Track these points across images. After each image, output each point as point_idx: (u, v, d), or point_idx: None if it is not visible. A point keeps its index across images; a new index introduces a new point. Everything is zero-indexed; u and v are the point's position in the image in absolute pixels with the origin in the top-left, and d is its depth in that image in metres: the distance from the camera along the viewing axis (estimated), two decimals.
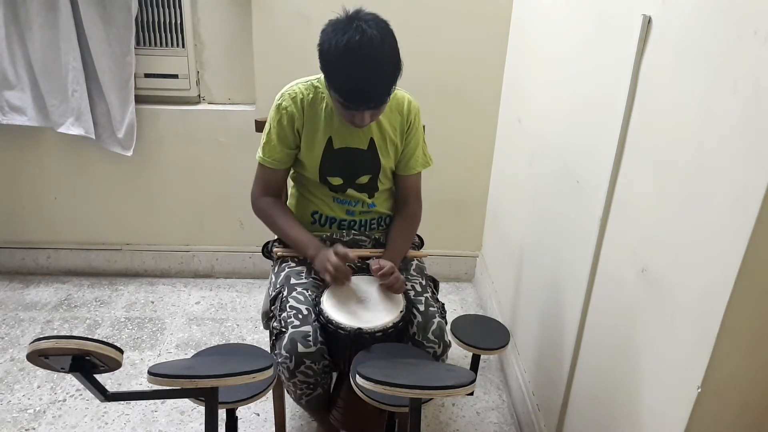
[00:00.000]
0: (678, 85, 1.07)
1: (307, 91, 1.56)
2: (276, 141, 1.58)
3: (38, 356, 0.98)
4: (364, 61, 1.33)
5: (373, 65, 1.34)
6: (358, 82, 1.35)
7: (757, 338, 0.95)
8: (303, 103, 1.55)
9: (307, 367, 1.40)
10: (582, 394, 1.49)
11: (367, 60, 1.33)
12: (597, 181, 1.38)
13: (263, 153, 1.61)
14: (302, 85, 1.58)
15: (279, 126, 1.57)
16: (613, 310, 1.32)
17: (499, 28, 2.28)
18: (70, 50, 2.20)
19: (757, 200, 0.84)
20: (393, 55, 1.38)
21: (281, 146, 1.59)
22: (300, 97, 1.55)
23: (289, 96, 1.56)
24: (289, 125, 1.56)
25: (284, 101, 1.56)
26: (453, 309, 2.49)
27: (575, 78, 1.58)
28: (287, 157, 1.61)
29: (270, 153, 1.60)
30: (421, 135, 1.68)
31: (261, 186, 1.65)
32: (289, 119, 1.56)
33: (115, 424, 1.86)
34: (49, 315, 2.37)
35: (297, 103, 1.55)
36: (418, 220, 1.73)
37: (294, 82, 1.59)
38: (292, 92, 1.56)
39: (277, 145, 1.58)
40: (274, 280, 1.62)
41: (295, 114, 1.55)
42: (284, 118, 1.56)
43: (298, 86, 1.58)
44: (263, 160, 1.62)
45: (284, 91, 1.58)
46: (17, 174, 2.48)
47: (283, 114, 1.56)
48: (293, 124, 1.56)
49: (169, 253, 2.64)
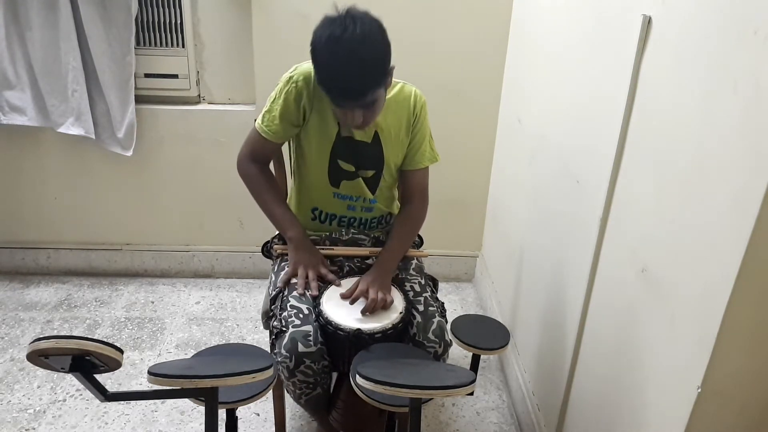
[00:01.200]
0: (678, 85, 1.07)
1: None
2: (278, 113, 1.54)
3: (38, 356, 0.98)
4: (344, 56, 1.32)
5: (353, 60, 1.32)
6: (338, 76, 1.34)
7: (757, 338, 0.95)
8: (315, 84, 1.49)
9: (306, 367, 1.40)
10: (582, 394, 1.49)
11: (346, 54, 1.31)
12: (597, 181, 1.38)
13: (262, 121, 1.58)
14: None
15: (285, 99, 1.53)
16: (613, 310, 1.32)
17: (499, 28, 2.28)
18: (70, 50, 2.20)
19: (757, 200, 0.84)
20: (377, 51, 1.35)
21: (281, 120, 1.55)
22: (313, 77, 1.49)
23: (302, 72, 1.52)
24: (295, 101, 1.53)
25: (296, 75, 1.52)
26: (453, 309, 2.49)
27: (575, 78, 1.58)
28: (284, 132, 1.57)
29: (269, 123, 1.57)
30: (428, 129, 1.65)
31: (249, 151, 1.63)
32: (297, 94, 1.52)
33: (115, 424, 1.86)
34: (49, 315, 2.37)
35: (309, 81, 1.51)
36: (421, 220, 1.70)
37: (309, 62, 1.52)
38: (306, 70, 1.51)
39: (278, 117, 1.55)
40: (274, 279, 1.62)
41: (304, 91, 1.51)
42: (292, 92, 1.52)
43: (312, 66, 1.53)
44: (260, 128, 1.58)
45: (299, 66, 1.54)
46: (17, 174, 2.48)
47: (292, 87, 1.52)
48: (300, 101, 1.53)
49: (169, 253, 2.64)
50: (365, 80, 1.35)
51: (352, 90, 1.36)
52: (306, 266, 1.55)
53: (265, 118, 1.57)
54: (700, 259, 0.99)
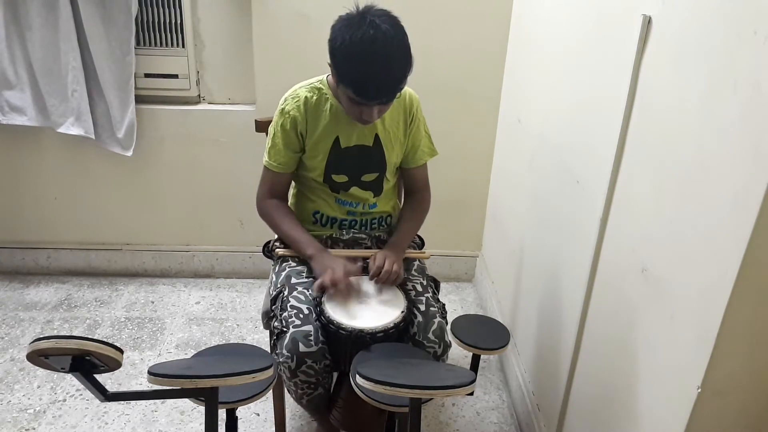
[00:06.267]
0: (678, 85, 1.07)
1: (310, 94, 1.57)
2: (281, 145, 1.59)
3: (38, 356, 0.98)
4: (378, 57, 1.34)
5: (387, 60, 1.35)
6: (371, 77, 1.36)
7: (757, 338, 0.95)
8: (306, 106, 1.56)
9: (308, 367, 1.40)
10: (582, 394, 1.49)
11: (380, 55, 1.35)
12: (597, 181, 1.38)
13: (269, 157, 1.62)
14: (305, 88, 1.58)
15: (283, 130, 1.58)
16: (613, 310, 1.32)
17: (499, 28, 2.28)
18: (70, 50, 2.20)
19: (757, 200, 0.84)
20: (405, 50, 1.39)
21: (286, 150, 1.60)
22: (303, 100, 1.56)
23: (292, 100, 1.57)
24: (292, 129, 1.57)
25: (287, 105, 1.57)
26: (453, 309, 2.49)
27: (575, 78, 1.58)
28: (292, 160, 1.62)
29: (275, 157, 1.61)
30: (424, 126, 1.69)
31: (267, 189, 1.66)
32: (293, 123, 1.57)
33: (115, 424, 1.86)
34: (49, 315, 2.37)
35: (300, 107, 1.56)
36: (427, 205, 1.75)
37: (297, 86, 1.60)
38: (296, 96, 1.57)
39: (282, 149, 1.59)
40: (274, 279, 1.62)
41: (298, 118, 1.56)
42: (287, 122, 1.57)
43: (301, 89, 1.58)
44: (269, 164, 1.63)
45: (287, 95, 1.59)
46: (17, 174, 2.48)
47: (286, 118, 1.57)
48: (296, 128, 1.57)
49: (169, 253, 2.64)
50: (398, 79, 1.39)
51: (384, 91, 1.39)
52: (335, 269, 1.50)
53: (271, 153, 1.62)
54: (700, 259, 0.99)
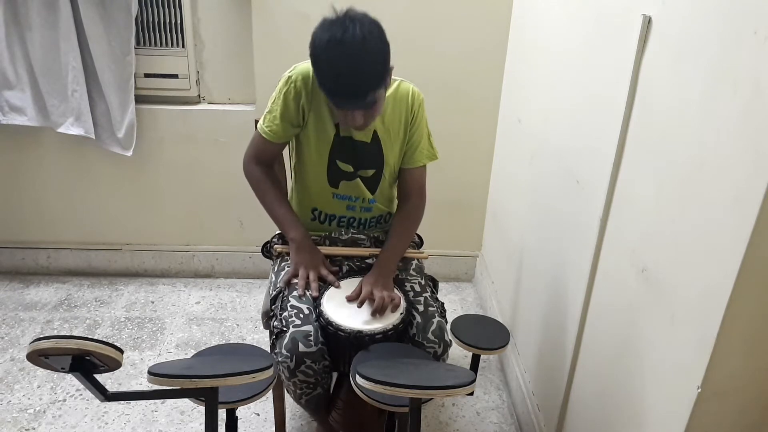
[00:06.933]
0: (678, 85, 1.07)
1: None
2: (278, 113, 1.55)
3: (38, 356, 0.98)
4: (344, 58, 1.32)
5: (353, 62, 1.32)
6: (338, 79, 1.34)
7: (757, 338, 0.95)
8: (314, 83, 1.50)
9: (307, 367, 1.40)
10: (582, 394, 1.49)
11: (347, 57, 1.31)
12: (597, 181, 1.38)
13: (263, 122, 1.59)
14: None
15: (284, 99, 1.54)
16: (613, 310, 1.32)
17: (499, 28, 2.28)
18: (70, 50, 2.20)
19: (757, 200, 0.84)
20: (376, 53, 1.35)
21: (282, 121, 1.56)
22: (311, 76, 1.50)
23: (300, 72, 1.53)
24: (294, 100, 1.53)
25: (294, 74, 1.53)
26: (453, 309, 2.49)
27: (575, 78, 1.58)
28: (285, 132, 1.58)
29: (269, 124, 1.57)
30: (426, 127, 1.65)
31: (254, 153, 1.64)
32: (296, 94, 1.53)
33: (115, 424, 1.86)
34: (49, 315, 2.37)
35: (308, 81, 1.52)
36: (419, 216, 1.69)
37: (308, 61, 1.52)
38: (305, 70, 1.52)
39: (278, 117, 1.55)
40: (274, 279, 1.62)
41: (303, 91, 1.52)
42: (291, 91, 1.53)
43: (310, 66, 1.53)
44: (261, 129, 1.59)
45: (297, 66, 1.54)
46: (17, 174, 2.48)
47: (291, 87, 1.53)
48: (299, 100, 1.53)
49: (169, 253, 2.64)
50: (366, 82, 1.35)
51: (353, 92, 1.36)
52: (307, 267, 1.55)
53: (267, 119, 1.58)
54: (700, 259, 0.99)
